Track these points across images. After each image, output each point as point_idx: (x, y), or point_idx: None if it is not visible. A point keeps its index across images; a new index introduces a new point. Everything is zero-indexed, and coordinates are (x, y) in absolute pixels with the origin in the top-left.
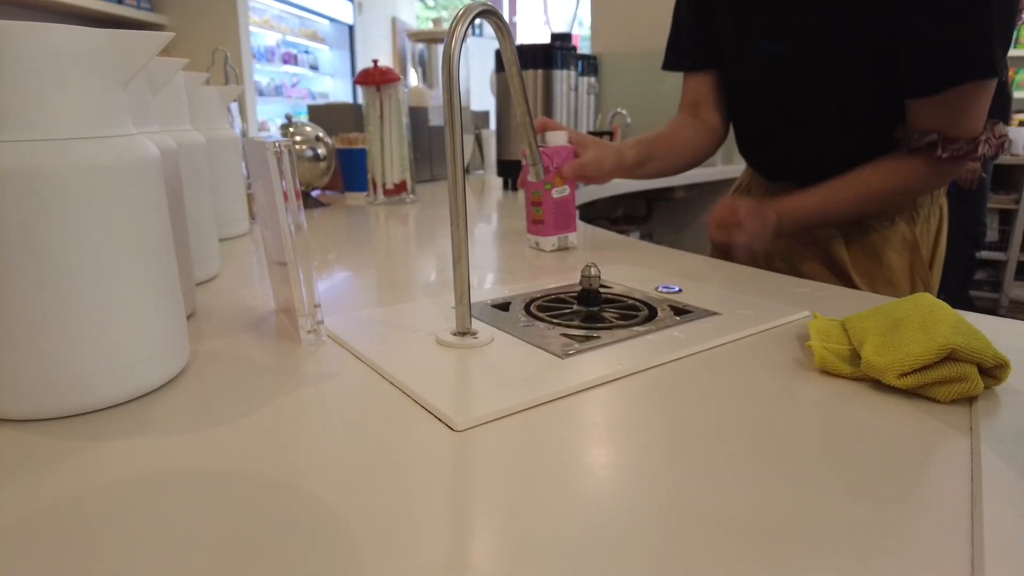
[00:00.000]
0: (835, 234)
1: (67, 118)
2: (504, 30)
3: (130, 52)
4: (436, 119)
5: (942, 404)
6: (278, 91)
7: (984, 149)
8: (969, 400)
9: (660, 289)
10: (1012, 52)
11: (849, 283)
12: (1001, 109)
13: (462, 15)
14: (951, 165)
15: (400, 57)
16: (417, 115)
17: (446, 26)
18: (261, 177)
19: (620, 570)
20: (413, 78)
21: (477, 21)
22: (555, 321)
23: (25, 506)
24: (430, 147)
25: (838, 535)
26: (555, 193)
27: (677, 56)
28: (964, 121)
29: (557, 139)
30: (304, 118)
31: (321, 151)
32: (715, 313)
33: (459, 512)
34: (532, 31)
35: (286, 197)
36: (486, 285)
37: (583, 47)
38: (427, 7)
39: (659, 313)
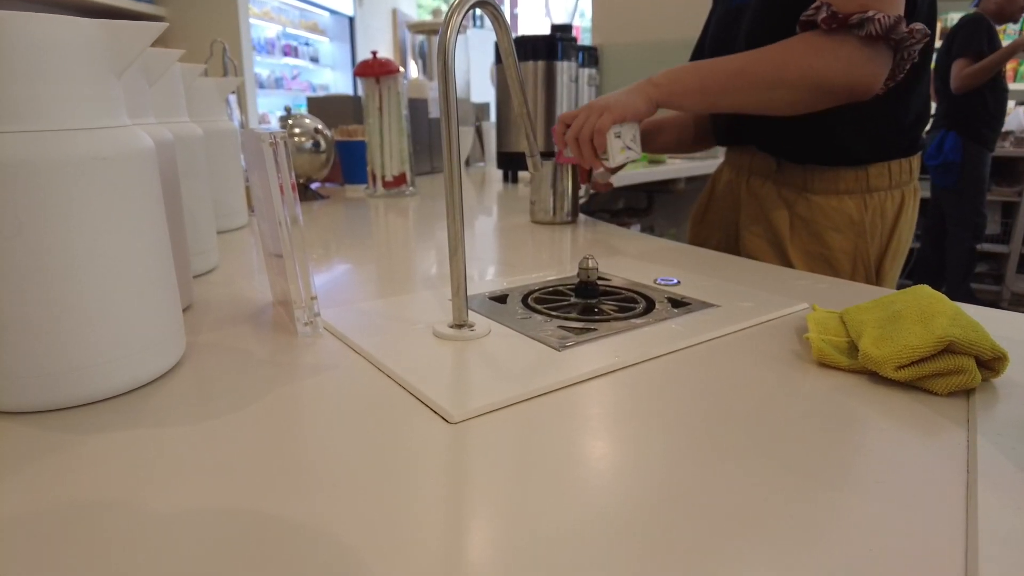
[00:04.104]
0: (780, 207)
1: (60, 109)
2: (500, 20)
3: (123, 43)
4: (436, 111)
5: (939, 396)
6: (278, 83)
7: (881, 22)
8: (967, 392)
9: (658, 281)
10: None
11: (786, 261)
12: (996, 102)
13: (457, 5)
14: (842, 38)
15: (400, 49)
16: (417, 107)
17: None
18: (257, 169)
19: (617, 561)
20: (413, 70)
21: (478, 12)
22: (553, 313)
23: (19, 499)
24: (430, 139)
25: (834, 526)
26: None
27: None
28: None
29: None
30: (304, 110)
31: (320, 143)
32: (713, 305)
33: (454, 504)
34: (533, 23)
35: (282, 189)
36: (485, 277)
37: (584, 38)
38: None
39: (657, 305)
